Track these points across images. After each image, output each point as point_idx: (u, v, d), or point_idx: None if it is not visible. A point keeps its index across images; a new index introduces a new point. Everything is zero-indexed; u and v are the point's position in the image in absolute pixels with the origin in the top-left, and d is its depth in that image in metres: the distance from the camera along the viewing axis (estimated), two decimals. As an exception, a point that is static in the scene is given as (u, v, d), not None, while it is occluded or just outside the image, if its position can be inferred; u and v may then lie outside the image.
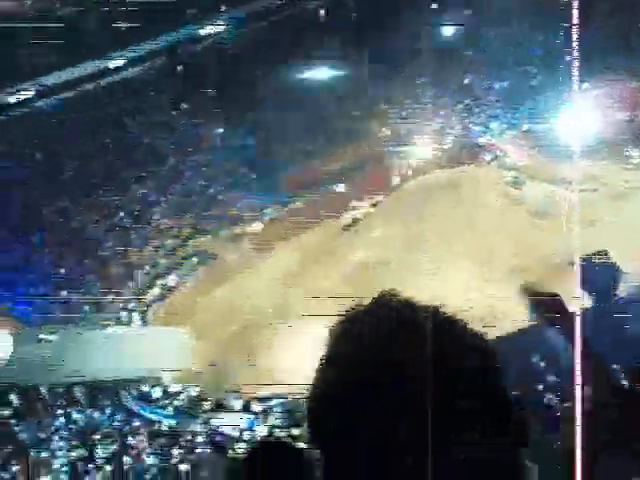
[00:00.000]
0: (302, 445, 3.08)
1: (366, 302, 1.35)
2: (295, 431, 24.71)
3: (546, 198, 34.31)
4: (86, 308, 38.24)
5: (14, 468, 26.32)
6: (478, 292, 27.39)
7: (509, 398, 1.23)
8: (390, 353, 1.19)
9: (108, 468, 25.22)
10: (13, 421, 29.29)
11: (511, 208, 34.59)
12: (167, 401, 29.72)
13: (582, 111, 31.62)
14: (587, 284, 23.01)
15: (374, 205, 40.04)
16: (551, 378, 21.87)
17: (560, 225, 31.77)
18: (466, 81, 48.64)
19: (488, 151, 42.58)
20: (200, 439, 26.19)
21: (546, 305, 4.61)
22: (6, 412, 29.55)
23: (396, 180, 40.23)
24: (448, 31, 48.67)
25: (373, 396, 1.16)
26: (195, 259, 41.19)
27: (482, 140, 44.57)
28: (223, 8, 49.88)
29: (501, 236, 32.36)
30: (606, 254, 18.29)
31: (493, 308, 25.19)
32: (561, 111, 34.14)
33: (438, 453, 1.10)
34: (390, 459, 1.14)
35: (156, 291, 39.21)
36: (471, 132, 45.84)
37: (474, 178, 37.55)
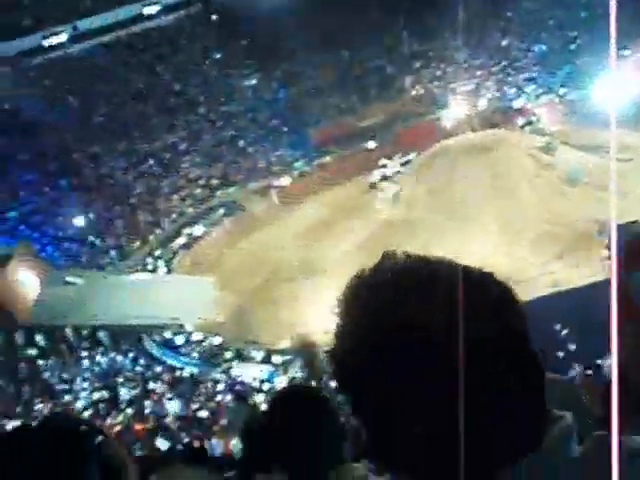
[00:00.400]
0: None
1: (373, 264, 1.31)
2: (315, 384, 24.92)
3: (578, 165, 33.85)
4: (112, 253, 38.60)
5: (38, 407, 26.84)
6: (505, 256, 27.20)
7: (539, 360, 1.18)
8: (401, 314, 1.13)
9: (130, 411, 25.60)
10: (39, 361, 29.77)
11: (542, 173, 34.17)
12: (189, 348, 30.02)
13: (621, 78, 31.03)
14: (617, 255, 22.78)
15: (404, 164, 39.78)
16: (572, 346, 21.81)
17: (591, 193, 31.51)
18: (504, 42, 47.96)
19: (522, 115, 42.07)
20: (220, 387, 26.47)
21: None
22: (32, 352, 30.02)
23: (428, 140, 39.90)
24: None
25: (396, 361, 1.11)
26: (222, 210, 41.32)
27: (516, 103, 44.04)
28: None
29: (531, 201, 32.02)
30: (638, 225, 18.09)
31: (520, 272, 25.02)
32: (599, 77, 33.53)
33: (468, 413, 1.06)
34: (422, 417, 1.11)
35: (182, 240, 39.42)
36: (506, 95, 45.30)
37: (506, 141, 37.07)
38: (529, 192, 33.14)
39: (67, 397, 28.14)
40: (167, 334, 31.10)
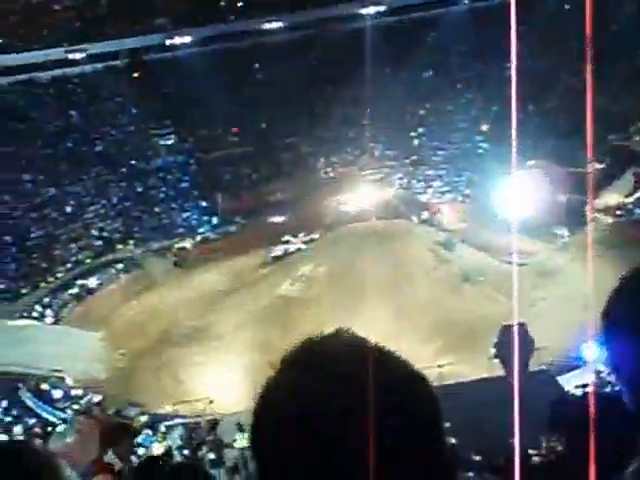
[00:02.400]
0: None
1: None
2: (190, 453, 24.42)
3: (474, 264, 35.00)
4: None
5: None
6: (395, 344, 27.53)
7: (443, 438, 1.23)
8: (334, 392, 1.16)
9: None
10: None
11: (440, 267, 35.16)
12: (67, 403, 29.03)
13: (521, 187, 32.48)
14: (501, 352, 23.48)
15: (307, 242, 40.28)
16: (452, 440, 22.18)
17: (484, 292, 32.53)
18: (415, 142, 49.57)
19: (426, 209, 43.31)
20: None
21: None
22: None
23: (332, 222, 40.59)
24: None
25: (317, 436, 1.14)
26: (120, 265, 40.60)
27: (422, 197, 45.36)
28: None
29: (427, 293, 32.80)
30: (523, 326, 18.78)
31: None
32: (502, 183, 34.99)
33: None
34: None
35: (74, 290, 38.45)
36: (413, 188, 46.62)
37: (409, 233, 38.13)
38: (426, 284, 33.97)
39: None
40: (45, 386, 30.01)
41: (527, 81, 29.51)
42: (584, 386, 20.84)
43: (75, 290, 38.54)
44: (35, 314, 36.50)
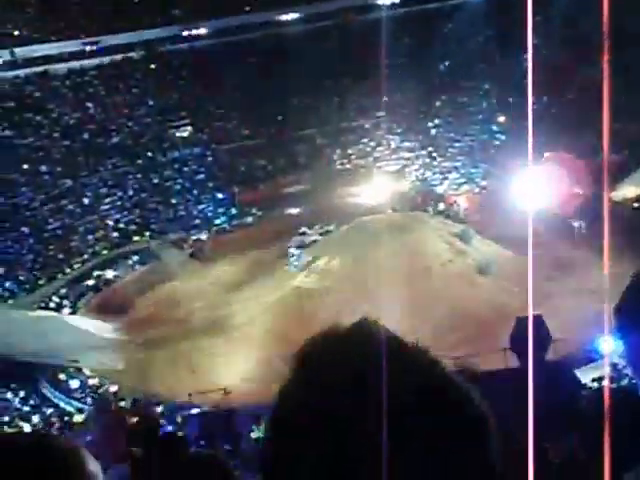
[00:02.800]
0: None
1: (343, 327, 1.27)
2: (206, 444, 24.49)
3: (490, 256, 34.90)
4: (17, 287, 37.64)
5: None
6: (409, 336, 27.44)
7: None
8: (361, 383, 1.14)
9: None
10: None
11: (456, 260, 35.06)
12: (84, 393, 29.25)
13: (538, 178, 32.35)
14: (517, 345, 23.39)
15: (323, 234, 40.29)
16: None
17: (499, 285, 32.44)
18: (433, 131, 49.43)
19: (442, 201, 43.25)
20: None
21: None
22: None
23: (348, 214, 40.56)
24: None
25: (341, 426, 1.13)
26: (137, 257, 40.78)
27: (438, 189, 45.29)
28: None
29: (441, 286, 32.73)
30: (540, 318, 18.72)
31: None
32: (518, 175, 34.83)
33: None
34: None
35: (91, 282, 38.67)
36: (429, 179, 46.55)
37: (425, 225, 38.01)
38: (441, 276, 33.89)
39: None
40: (63, 376, 30.24)
41: (544, 72, 29.28)
42: (600, 379, 20.77)
43: (92, 281, 38.77)
44: (52, 305, 36.76)
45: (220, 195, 46.28)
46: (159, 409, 26.73)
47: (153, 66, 51.39)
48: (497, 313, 28.92)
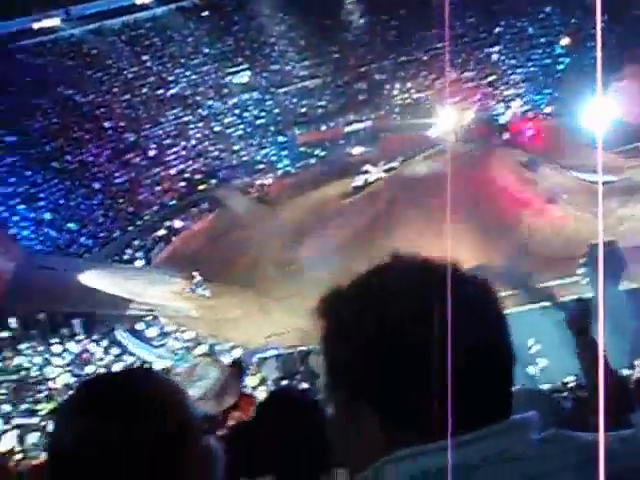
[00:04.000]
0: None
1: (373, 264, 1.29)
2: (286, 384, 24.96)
3: (559, 183, 34.20)
4: (90, 241, 38.42)
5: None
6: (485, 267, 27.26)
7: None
8: (401, 315, 1.15)
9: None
10: (10, 345, 29.47)
11: (524, 189, 34.46)
12: (162, 341, 29.96)
13: (608, 100, 31.36)
14: (590, 272, 23.12)
15: (387, 171, 39.95)
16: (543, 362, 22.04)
17: (569, 212, 31.83)
18: (494, 57, 48.29)
19: (507, 130, 42.40)
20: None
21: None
22: (5, 335, 29.72)
23: (413, 149, 40.11)
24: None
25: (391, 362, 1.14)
26: (204, 205, 41.24)
27: (502, 118, 44.36)
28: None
29: (510, 216, 32.27)
30: (613, 244, 18.42)
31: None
32: (585, 98, 33.83)
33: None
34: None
35: (161, 232, 39.29)
36: (492, 109, 45.61)
37: (491, 155, 37.39)
38: (509, 207, 33.41)
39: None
40: (140, 325, 31.00)
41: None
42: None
43: (162, 232, 39.39)
44: (126, 257, 37.55)
45: (282, 138, 46.29)
46: (237, 353, 27.28)
47: (206, 13, 51.18)
48: (568, 241, 28.45)
